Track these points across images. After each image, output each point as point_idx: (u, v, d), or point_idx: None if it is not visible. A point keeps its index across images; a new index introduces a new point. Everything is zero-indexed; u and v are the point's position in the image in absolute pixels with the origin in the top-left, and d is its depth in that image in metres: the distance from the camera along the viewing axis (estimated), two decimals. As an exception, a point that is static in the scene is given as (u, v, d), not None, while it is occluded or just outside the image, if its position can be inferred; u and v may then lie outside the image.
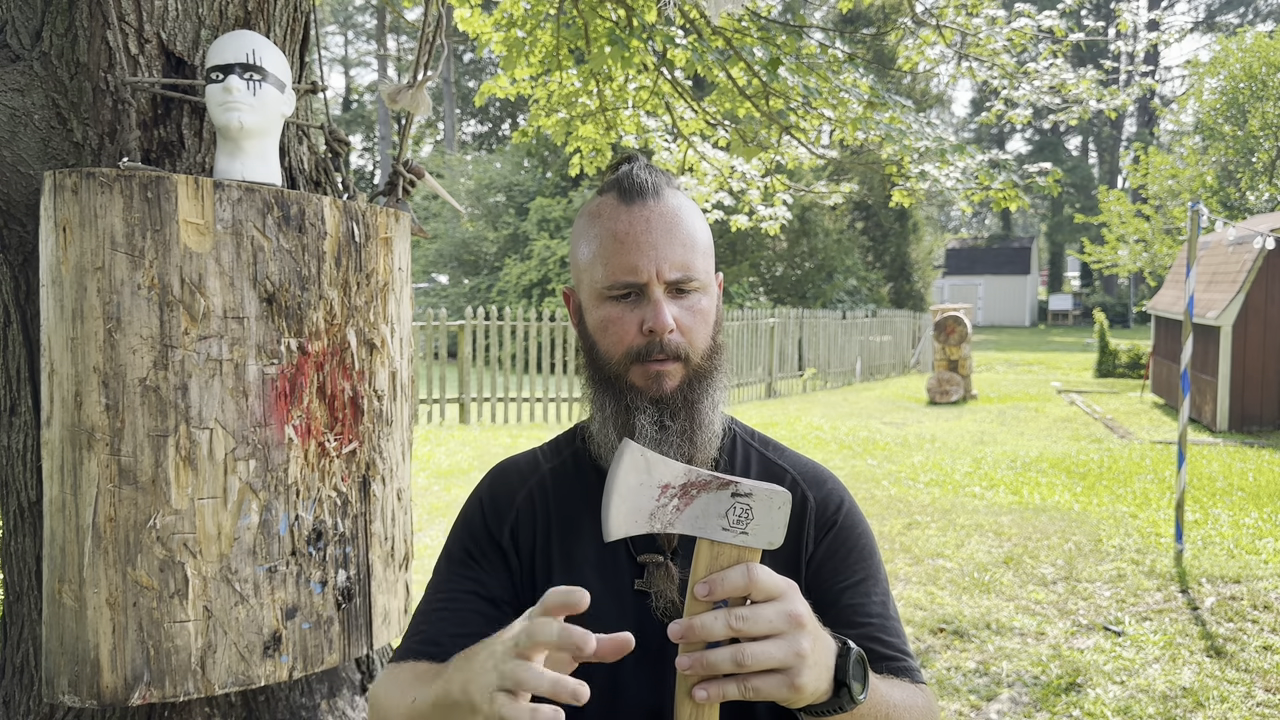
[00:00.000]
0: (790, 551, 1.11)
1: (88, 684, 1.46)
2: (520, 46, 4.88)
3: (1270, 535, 5.58)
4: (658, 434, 1.06)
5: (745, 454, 1.19)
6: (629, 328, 1.07)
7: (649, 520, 0.86)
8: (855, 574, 1.13)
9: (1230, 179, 18.91)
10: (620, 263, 1.06)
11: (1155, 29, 32.00)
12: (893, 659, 1.08)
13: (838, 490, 1.19)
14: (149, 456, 1.47)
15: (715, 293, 1.14)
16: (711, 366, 1.11)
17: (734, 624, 0.81)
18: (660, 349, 1.06)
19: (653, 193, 1.08)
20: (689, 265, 1.07)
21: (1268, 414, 9.82)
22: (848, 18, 22.73)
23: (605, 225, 1.09)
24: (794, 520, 1.12)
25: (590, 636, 0.78)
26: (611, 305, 1.08)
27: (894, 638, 1.11)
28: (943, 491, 7.01)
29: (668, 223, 1.07)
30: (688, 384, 1.08)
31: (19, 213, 1.71)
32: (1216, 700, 3.40)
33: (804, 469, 1.19)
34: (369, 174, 36.55)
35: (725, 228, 6.51)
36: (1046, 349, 23.62)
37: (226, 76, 1.54)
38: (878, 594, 1.13)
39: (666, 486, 0.85)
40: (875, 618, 1.11)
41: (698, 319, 1.09)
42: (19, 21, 1.73)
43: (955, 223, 46.92)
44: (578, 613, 0.80)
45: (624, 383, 1.08)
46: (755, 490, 0.86)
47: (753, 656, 0.81)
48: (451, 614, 1.11)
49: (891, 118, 4.55)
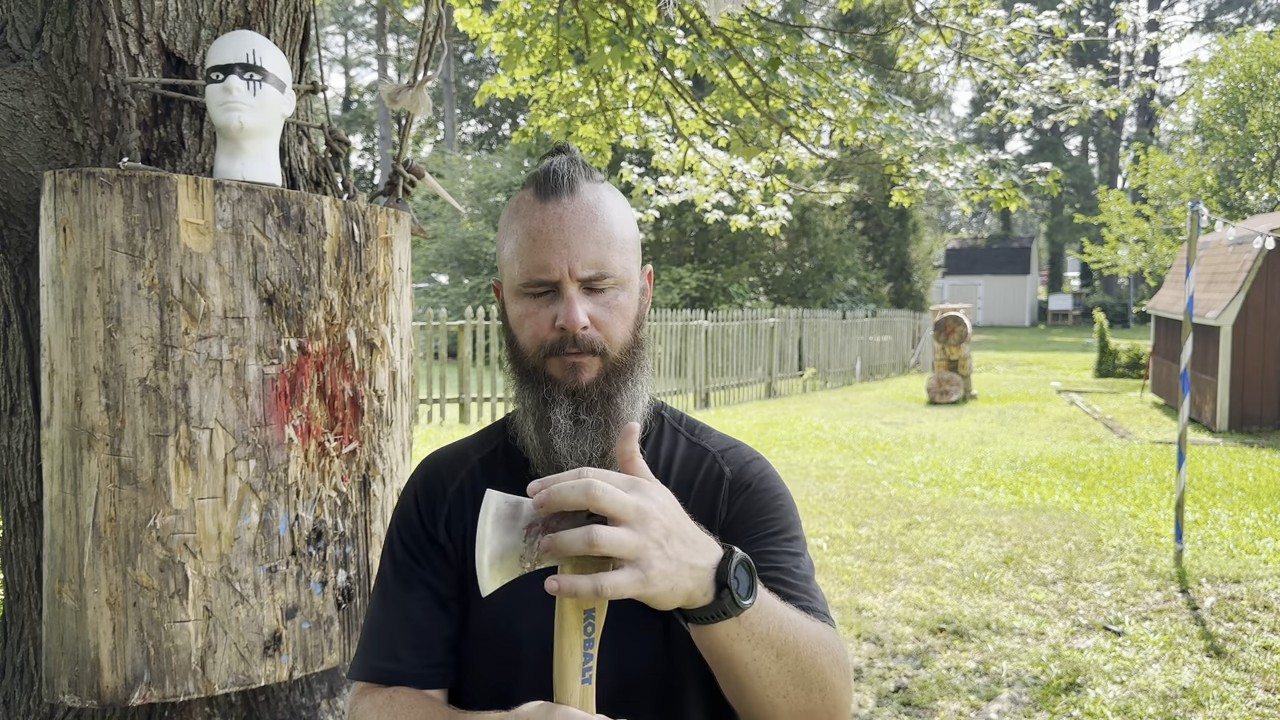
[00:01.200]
0: (703, 519, 1.12)
1: (88, 684, 1.46)
2: (520, 46, 4.88)
3: (1270, 535, 5.59)
4: (573, 428, 1.08)
5: (672, 440, 1.22)
6: (543, 323, 1.08)
7: (520, 563, 0.87)
8: (765, 529, 1.14)
9: (1230, 179, 18.91)
10: (534, 260, 1.07)
11: (1155, 29, 32.00)
12: (795, 599, 1.07)
13: (757, 462, 1.21)
14: (149, 456, 1.47)
15: (637, 288, 1.14)
16: (630, 361, 1.11)
17: (591, 490, 0.83)
18: (574, 344, 1.07)
19: (568, 189, 1.09)
20: (603, 262, 1.08)
21: (1267, 414, 9.82)
22: (848, 18, 22.73)
23: (522, 222, 1.10)
24: (709, 491, 1.16)
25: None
26: (528, 301, 1.10)
27: (801, 582, 1.10)
28: (943, 491, 7.01)
29: (582, 220, 1.08)
30: (605, 378, 1.09)
31: (19, 213, 1.71)
32: (1216, 700, 3.40)
33: (726, 447, 1.22)
34: (369, 174, 36.55)
35: (725, 228, 6.50)
36: (1046, 349, 23.63)
37: (226, 76, 1.54)
38: (789, 547, 1.13)
39: (532, 526, 0.87)
40: (784, 564, 1.11)
41: (614, 315, 1.09)
42: (19, 21, 1.73)
43: (955, 223, 46.93)
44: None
45: (542, 374, 1.10)
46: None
47: (605, 537, 0.82)
48: (407, 625, 1.12)
49: (891, 118, 4.55)
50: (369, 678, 1.12)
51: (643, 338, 1.14)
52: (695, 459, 1.20)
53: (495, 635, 1.12)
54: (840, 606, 4.44)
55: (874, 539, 5.64)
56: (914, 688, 3.56)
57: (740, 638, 0.92)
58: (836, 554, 5.32)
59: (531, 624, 1.08)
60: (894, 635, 4.08)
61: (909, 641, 4.03)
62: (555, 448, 1.08)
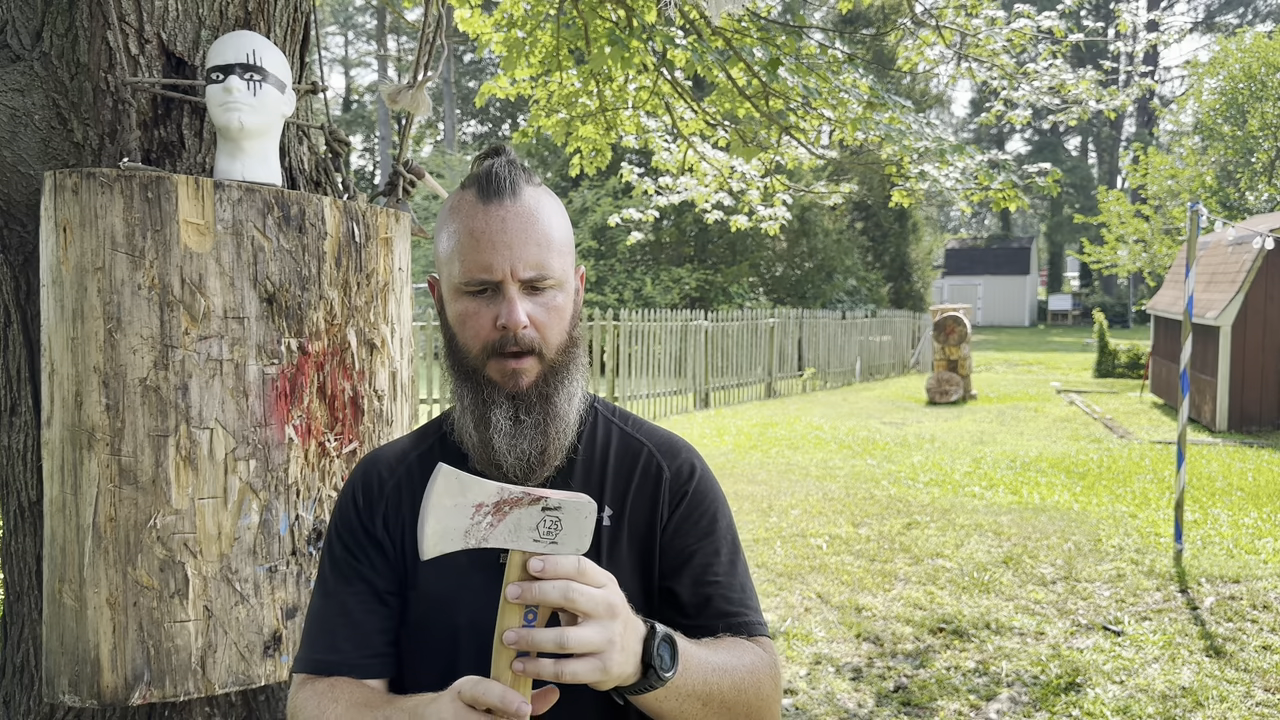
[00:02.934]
0: (646, 518, 1.19)
1: (88, 683, 1.46)
2: (520, 47, 4.88)
3: (1269, 535, 5.59)
4: (513, 427, 1.12)
5: (606, 431, 1.25)
6: (484, 323, 1.11)
7: (464, 537, 0.92)
8: (704, 537, 1.19)
9: (1229, 179, 18.92)
10: (476, 260, 1.10)
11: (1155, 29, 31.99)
12: (733, 614, 1.16)
13: (691, 459, 1.25)
14: (149, 456, 1.47)
15: (573, 289, 1.18)
16: (567, 360, 1.15)
17: (569, 594, 0.91)
18: (514, 343, 1.10)
19: (510, 192, 1.11)
20: (543, 264, 1.11)
21: (1267, 414, 9.83)
22: (847, 18, 22.73)
23: (464, 222, 1.12)
24: (650, 488, 1.20)
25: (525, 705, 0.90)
26: (469, 300, 1.12)
27: (737, 593, 1.18)
28: (942, 491, 7.01)
29: (523, 222, 1.10)
30: (543, 379, 1.13)
31: (19, 213, 1.71)
32: (1216, 700, 3.40)
33: (659, 440, 1.26)
34: (369, 174, 36.54)
35: (725, 228, 6.51)
36: (1046, 349, 23.63)
37: (227, 77, 1.54)
38: (725, 554, 1.20)
39: (480, 505, 0.91)
40: (721, 576, 1.18)
41: (552, 315, 1.13)
42: (19, 22, 1.73)
43: (955, 223, 46.93)
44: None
45: (482, 376, 1.13)
46: (564, 503, 0.93)
47: (575, 638, 0.90)
48: (345, 619, 1.16)
49: (891, 118, 4.56)
50: (309, 669, 1.15)
51: (577, 336, 1.18)
52: (631, 452, 1.23)
53: (434, 626, 1.15)
54: (840, 606, 4.45)
55: (874, 539, 5.65)
56: (913, 687, 3.56)
57: (667, 699, 1.00)
58: (836, 554, 5.32)
59: (470, 616, 1.12)
60: (894, 635, 4.09)
61: (908, 641, 4.03)
62: (494, 446, 1.11)
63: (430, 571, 1.14)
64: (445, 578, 1.14)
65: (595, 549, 1.14)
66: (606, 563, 1.14)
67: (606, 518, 1.18)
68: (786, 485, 7.26)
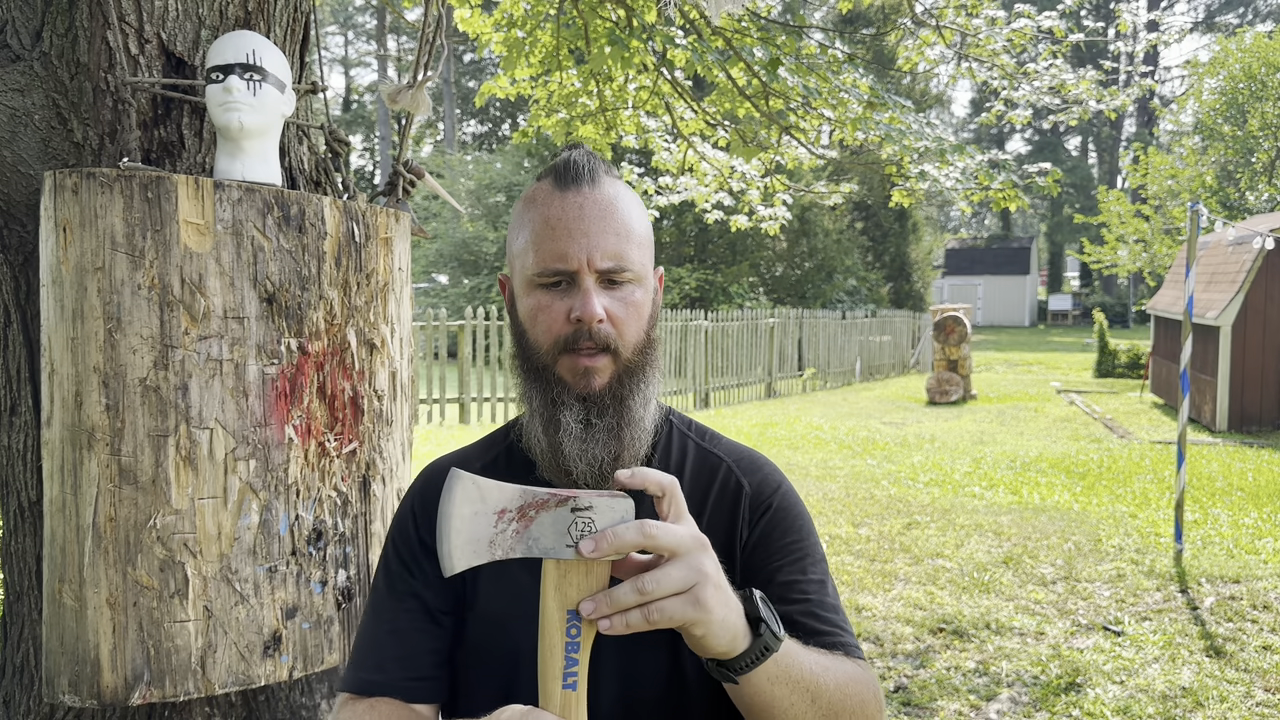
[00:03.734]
0: (725, 538, 1.10)
1: (88, 684, 1.46)
2: (520, 47, 4.88)
3: (1270, 535, 5.59)
4: (584, 431, 1.04)
5: (681, 445, 1.18)
6: (557, 316, 1.03)
7: (489, 548, 0.84)
8: (790, 554, 1.10)
9: (1230, 179, 18.91)
10: (550, 249, 1.03)
11: (1155, 29, 32.00)
12: (826, 633, 1.05)
13: (773, 475, 1.17)
14: (149, 456, 1.47)
15: (652, 287, 1.11)
16: (643, 362, 1.07)
17: (646, 529, 0.82)
18: (588, 338, 1.02)
19: (589, 179, 1.05)
20: (622, 255, 1.04)
21: (1267, 414, 9.82)
22: (847, 18, 22.72)
23: (539, 211, 1.05)
24: (728, 506, 1.12)
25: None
26: (541, 293, 1.05)
27: (829, 613, 1.08)
28: (942, 491, 7.01)
29: (602, 210, 1.04)
30: (617, 380, 1.05)
31: (19, 213, 1.71)
32: (1216, 700, 3.40)
33: (738, 455, 1.18)
34: (369, 174, 36.53)
35: (725, 228, 6.50)
36: (1046, 349, 23.62)
37: (226, 77, 1.54)
38: (814, 573, 1.10)
39: (503, 511, 0.83)
40: (811, 594, 1.08)
41: (630, 311, 1.05)
42: (19, 21, 1.73)
43: (955, 223, 46.92)
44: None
45: (551, 375, 1.05)
46: (596, 503, 0.83)
47: (654, 580, 0.82)
48: (394, 637, 1.09)
49: (891, 118, 4.55)
50: (353, 689, 1.09)
51: (656, 338, 1.11)
52: (709, 468, 1.15)
53: (493, 649, 1.08)
54: (840, 606, 4.45)
55: (874, 539, 5.64)
56: (914, 688, 3.56)
57: (779, 680, 0.91)
58: (836, 554, 5.31)
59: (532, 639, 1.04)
60: (894, 635, 4.08)
61: (909, 641, 4.03)
62: (565, 450, 1.04)
63: (489, 591, 1.08)
64: (504, 598, 1.07)
65: None
66: None
67: None
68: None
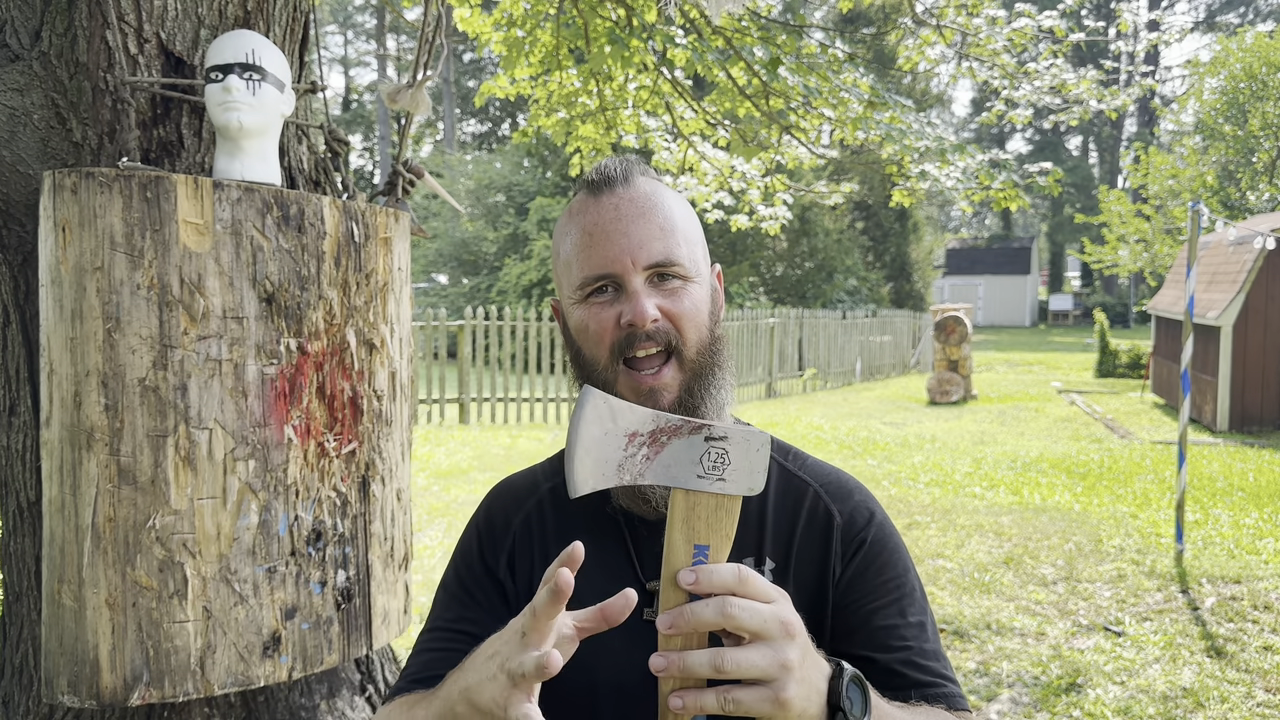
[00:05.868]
0: (816, 576, 1.04)
1: (87, 684, 1.46)
2: (520, 46, 4.87)
3: (1270, 535, 5.58)
4: None
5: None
6: (607, 323, 0.98)
7: (617, 472, 0.80)
8: (888, 594, 1.03)
9: (1230, 179, 18.91)
10: (592, 256, 0.99)
11: (1155, 29, 31.99)
12: (929, 685, 0.98)
13: (866, 503, 1.09)
14: (148, 456, 1.46)
15: (710, 284, 1.05)
16: (710, 363, 1.01)
17: (727, 610, 0.75)
18: (645, 339, 0.97)
19: (621, 180, 1.02)
20: (667, 250, 0.99)
21: (1268, 414, 9.82)
22: (848, 18, 22.72)
23: (576, 222, 1.02)
24: (819, 539, 1.05)
25: (569, 576, 0.76)
26: (589, 305, 1.01)
27: (931, 661, 1.01)
28: (943, 492, 7.01)
29: (639, 208, 1.00)
30: (686, 390, 0.99)
31: (19, 213, 1.71)
32: (1217, 700, 3.40)
33: (828, 480, 1.10)
34: (369, 174, 36.54)
35: (725, 228, 6.50)
36: (1047, 349, 23.62)
37: (226, 76, 1.54)
38: (913, 614, 1.03)
39: (634, 434, 0.80)
40: (911, 641, 1.01)
41: (686, 308, 0.99)
42: (18, 21, 1.73)
43: (955, 223, 46.91)
44: (575, 567, 0.77)
45: (613, 393, 0.97)
46: (731, 433, 0.80)
47: (733, 661, 0.75)
48: (443, 654, 1.06)
49: (891, 118, 4.55)
50: (398, 693, 1.06)
51: (721, 336, 1.03)
52: (794, 493, 1.08)
53: (570, 684, 1.01)
54: (840, 607, 4.45)
55: (874, 539, 5.64)
56: (914, 688, 3.56)
57: None
58: (836, 554, 5.32)
59: (609, 675, 1.00)
60: (894, 635, 4.09)
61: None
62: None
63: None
64: (588, 635, 1.03)
65: None
66: None
67: (768, 571, 1.03)
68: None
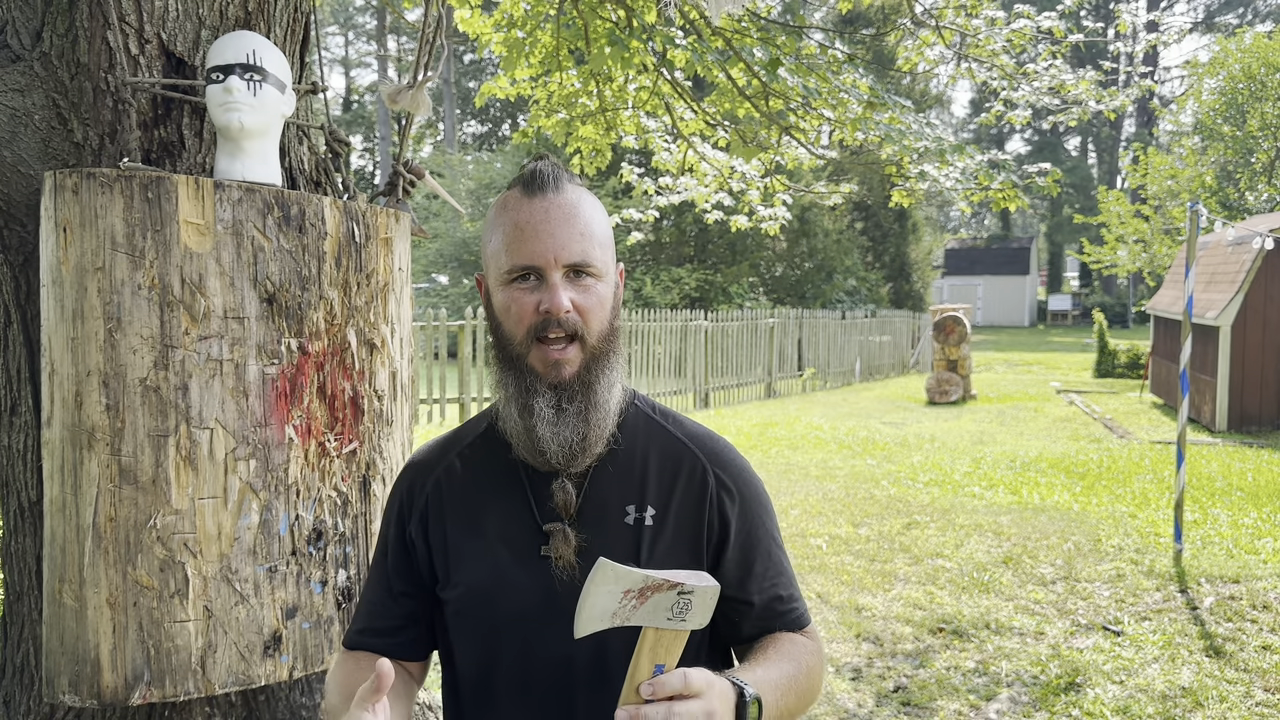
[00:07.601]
0: (692, 523, 1.24)
1: (88, 683, 1.46)
2: (520, 47, 4.88)
3: (1269, 535, 5.59)
4: (555, 415, 1.17)
5: (647, 425, 1.30)
6: (528, 309, 1.16)
7: (611, 618, 1.02)
8: (759, 542, 1.27)
9: (1229, 179, 18.91)
10: (521, 249, 1.15)
11: (1154, 30, 31.99)
12: (786, 612, 1.26)
13: (733, 460, 1.31)
14: (149, 456, 1.47)
15: (614, 283, 1.23)
16: (608, 349, 1.20)
17: (671, 715, 0.98)
18: (556, 326, 1.15)
19: (553, 186, 1.18)
20: (586, 253, 1.16)
21: (1267, 414, 9.82)
22: (847, 18, 22.72)
23: (509, 215, 1.18)
24: (695, 492, 1.25)
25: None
26: (514, 289, 1.17)
27: (787, 588, 1.28)
28: (942, 491, 7.01)
29: (565, 213, 1.16)
30: (585, 368, 1.18)
31: (19, 213, 1.71)
32: (1215, 700, 3.40)
33: (700, 441, 1.30)
34: (369, 174, 36.52)
35: (725, 228, 6.50)
36: (1046, 349, 23.62)
37: (227, 77, 1.54)
38: (775, 552, 1.29)
39: (628, 591, 1.00)
40: (778, 576, 1.27)
41: (594, 302, 1.18)
42: (19, 22, 1.73)
43: (955, 223, 46.92)
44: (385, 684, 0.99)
45: (525, 365, 1.18)
46: (697, 588, 1.02)
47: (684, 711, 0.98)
48: (370, 607, 1.30)
49: (891, 118, 4.55)
50: (346, 644, 1.32)
51: (618, 327, 1.23)
52: (674, 451, 1.28)
53: (476, 617, 1.22)
54: (840, 606, 4.45)
55: (873, 539, 5.65)
56: (913, 687, 3.56)
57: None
58: (836, 554, 5.32)
59: (511, 606, 1.19)
60: (893, 635, 4.09)
61: (908, 641, 4.03)
62: (538, 433, 1.17)
63: (471, 566, 1.22)
64: (485, 572, 1.21)
65: (636, 549, 1.20)
66: (647, 561, 1.20)
67: (649, 518, 1.23)
68: (786, 485, 7.26)
